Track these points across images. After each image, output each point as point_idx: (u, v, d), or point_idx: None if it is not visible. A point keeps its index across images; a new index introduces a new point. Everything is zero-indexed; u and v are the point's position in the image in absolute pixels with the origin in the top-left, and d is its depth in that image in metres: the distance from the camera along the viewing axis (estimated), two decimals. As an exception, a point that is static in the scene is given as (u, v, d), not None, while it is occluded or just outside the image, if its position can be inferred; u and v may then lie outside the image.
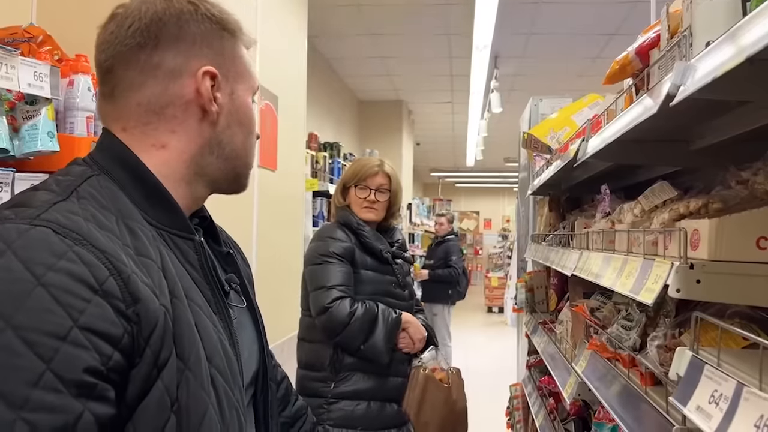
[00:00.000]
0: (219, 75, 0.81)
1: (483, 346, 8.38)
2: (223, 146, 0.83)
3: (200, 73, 0.79)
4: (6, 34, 1.51)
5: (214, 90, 0.80)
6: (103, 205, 0.70)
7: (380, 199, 2.19)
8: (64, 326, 0.58)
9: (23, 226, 0.62)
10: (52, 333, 0.58)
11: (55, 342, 0.57)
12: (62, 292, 0.59)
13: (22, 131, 1.25)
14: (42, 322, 0.58)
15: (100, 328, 0.60)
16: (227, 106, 0.82)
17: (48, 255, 0.60)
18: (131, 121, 0.78)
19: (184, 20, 0.79)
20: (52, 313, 0.58)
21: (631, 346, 1.29)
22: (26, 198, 0.68)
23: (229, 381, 0.76)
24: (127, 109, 0.78)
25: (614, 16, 5.08)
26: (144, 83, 0.77)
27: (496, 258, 15.05)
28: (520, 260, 3.92)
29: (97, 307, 0.61)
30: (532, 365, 3.08)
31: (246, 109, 0.85)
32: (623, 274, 1.17)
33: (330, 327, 1.99)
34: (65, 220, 0.64)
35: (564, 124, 2.66)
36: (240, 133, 0.84)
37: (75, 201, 0.68)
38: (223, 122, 0.82)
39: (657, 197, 1.28)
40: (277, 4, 2.96)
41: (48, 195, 0.68)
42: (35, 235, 0.61)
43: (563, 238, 2.17)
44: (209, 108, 0.80)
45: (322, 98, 6.24)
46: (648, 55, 1.18)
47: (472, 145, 10.32)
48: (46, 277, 0.59)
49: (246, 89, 0.85)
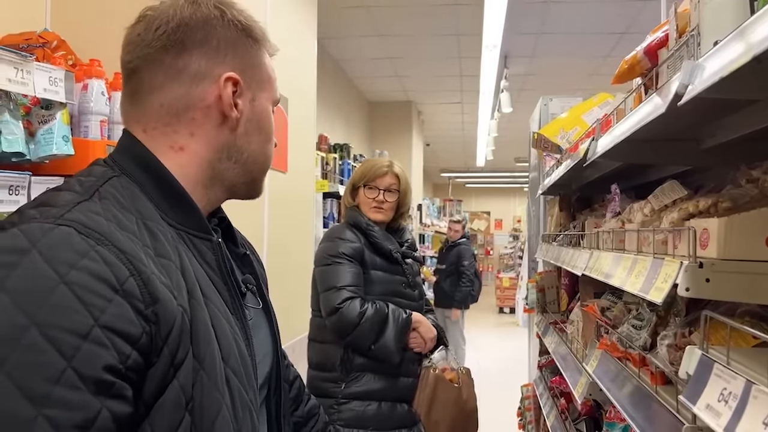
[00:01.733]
0: (241, 82, 0.82)
1: (495, 346, 8.37)
2: (242, 152, 0.83)
3: (223, 78, 0.80)
4: (21, 40, 1.54)
5: (235, 96, 0.81)
6: (124, 206, 0.72)
7: (389, 200, 2.19)
8: (86, 324, 0.59)
9: (47, 225, 0.63)
10: (75, 331, 0.59)
11: (77, 340, 0.58)
12: (84, 291, 0.60)
13: (38, 135, 1.27)
14: (65, 319, 0.58)
15: (120, 327, 0.61)
16: (247, 113, 0.83)
17: (71, 254, 0.61)
18: (152, 122, 0.80)
19: (210, 26, 0.80)
20: (75, 311, 0.59)
21: (642, 346, 1.29)
22: (50, 198, 0.70)
23: (244, 381, 0.77)
24: (149, 110, 0.80)
25: (625, 14, 5.06)
26: (167, 86, 0.79)
27: (507, 258, 15.02)
28: (530, 260, 3.91)
29: (118, 307, 0.62)
30: (544, 365, 3.08)
31: (266, 117, 0.86)
32: (633, 273, 1.18)
33: (340, 327, 2.00)
34: (88, 220, 0.65)
35: (574, 124, 2.65)
36: (258, 141, 0.85)
37: (97, 201, 0.70)
38: (242, 128, 0.83)
39: (667, 196, 1.28)
40: (286, 6, 2.98)
41: (71, 195, 0.70)
42: (59, 234, 0.62)
43: (574, 238, 2.17)
44: (229, 114, 0.81)
45: (331, 100, 6.26)
46: (657, 55, 1.18)
47: (482, 145, 10.30)
48: (69, 276, 0.60)
49: (267, 97, 0.86)
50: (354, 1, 4.93)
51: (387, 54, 6.35)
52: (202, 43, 0.80)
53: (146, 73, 0.79)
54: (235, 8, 0.84)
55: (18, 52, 1.16)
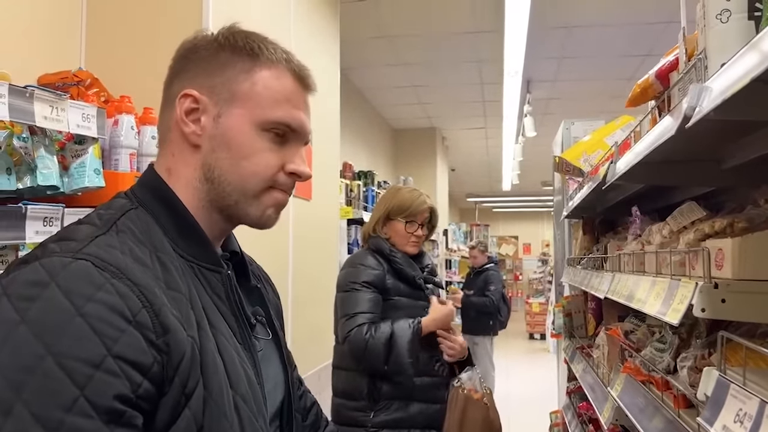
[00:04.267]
0: (206, 98, 0.81)
1: (525, 373, 8.22)
2: (212, 170, 0.82)
3: (179, 96, 0.82)
4: (57, 79, 1.63)
5: (199, 113, 0.82)
6: (139, 239, 0.75)
7: (424, 233, 2.23)
8: (99, 354, 0.62)
9: (66, 259, 0.66)
10: (88, 360, 0.61)
11: (90, 369, 0.61)
12: (99, 322, 0.63)
13: (71, 169, 1.34)
14: (79, 349, 0.61)
15: (132, 357, 0.64)
16: (210, 129, 0.82)
17: (87, 287, 0.64)
18: (158, 150, 0.87)
19: (193, 51, 0.84)
20: (89, 341, 0.62)
21: (665, 369, 1.27)
22: (71, 232, 0.73)
23: (253, 409, 0.78)
24: (159, 141, 0.88)
25: (647, 36, 5.06)
26: (161, 115, 0.86)
27: (536, 283, 14.81)
28: (557, 285, 3.87)
29: (130, 337, 0.64)
30: (572, 391, 3.02)
31: (236, 134, 0.81)
32: (652, 295, 1.17)
33: (353, 355, 2.01)
34: (104, 254, 0.68)
35: (597, 147, 2.65)
36: (227, 158, 0.82)
37: (114, 234, 0.73)
38: (206, 145, 0.82)
39: (685, 218, 1.28)
40: (309, 38, 3.07)
41: (90, 229, 0.73)
42: (77, 267, 0.65)
43: (597, 261, 2.16)
44: (183, 129, 0.82)
45: (356, 128, 6.35)
46: (668, 78, 1.19)
47: (507, 170, 10.28)
48: (85, 308, 0.63)
49: (242, 114, 0.82)
50: (376, 32, 5.03)
51: (410, 82, 6.44)
52: (182, 69, 0.84)
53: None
54: (233, 29, 0.85)
55: (53, 92, 1.23)
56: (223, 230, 0.89)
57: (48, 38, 1.89)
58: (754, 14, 0.88)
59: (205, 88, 0.82)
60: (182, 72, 0.84)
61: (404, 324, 2.02)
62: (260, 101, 0.82)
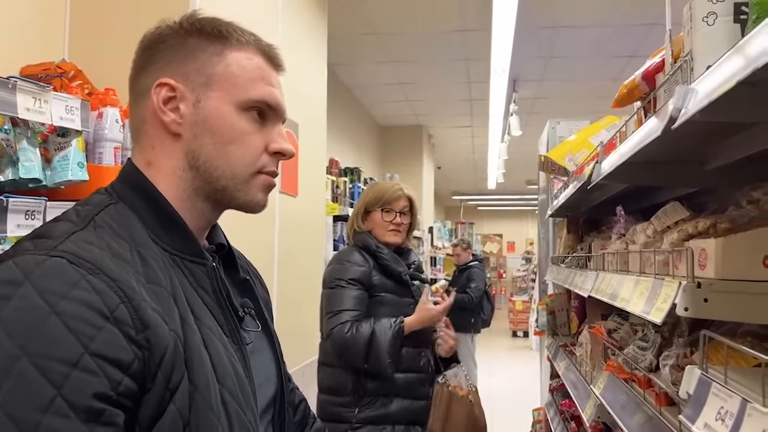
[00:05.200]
0: (182, 86, 0.81)
1: (508, 370, 8.27)
2: (197, 157, 0.81)
3: (154, 86, 0.81)
4: (39, 70, 1.60)
5: (177, 101, 0.81)
6: (118, 234, 0.73)
7: (404, 222, 2.23)
8: (75, 353, 0.60)
9: (40, 257, 0.65)
10: (64, 359, 0.60)
11: (66, 368, 0.59)
12: (74, 320, 0.61)
13: (54, 162, 1.31)
14: (54, 349, 0.60)
15: (111, 354, 0.62)
16: (191, 115, 0.81)
17: (62, 284, 0.63)
18: (133, 144, 0.85)
19: (161, 41, 0.82)
20: (65, 340, 0.60)
21: (647, 367, 1.29)
22: (46, 229, 0.72)
23: (241, 403, 0.77)
24: (131, 135, 0.86)
25: (633, 37, 5.11)
26: (132, 109, 0.85)
27: (520, 281, 14.91)
28: (541, 283, 3.90)
29: (108, 334, 0.63)
30: (555, 389, 3.05)
31: (217, 118, 0.81)
32: (636, 294, 1.18)
33: (334, 350, 2.02)
34: (80, 250, 0.67)
35: (582, 147, 2.67)
36: (212, 143, 0.81)
37: (92, 230, 0.72)
38: (189, 133, 0.81)
39: (669, 218, 1.29)
40: (297, 33, 3.05)
41: (66, 225, 0.72)
42: (51, 265, 0.64)
43: (581, 260, 2.17)
44: (163, 118, 0.81)
45: (342, 124, 6.34)
46: (654, 79, 1.20)
47: (493, 168, 10.33)
48: (59, 306, 0.61)
49: (221, 97, 0.81)
50: (364, 28, 5.03)
51: (398, 79, 6.44)
52: (150, 60, 0.83)
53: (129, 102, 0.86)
54: (195, 16, 0.83)
55: (36, 83, 1.21)
56: (209, 220, 0.88)
57: (31, 29, 1.86)
58: (739, 17, 0.90)
59: (179, 75, 0.81)
60: (151, 63, 0.82)
61: (386, 323, 2.02)
62: (237, 82, 0.82)
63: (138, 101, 0.83)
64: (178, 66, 0.81)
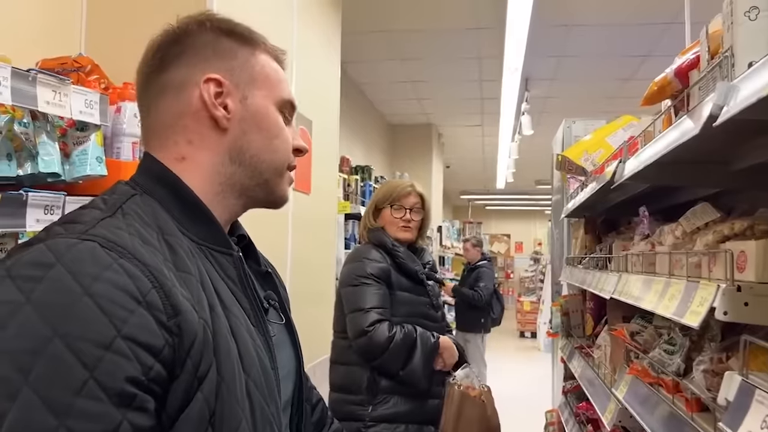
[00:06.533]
0: (228, 81, 0.82)
1: (516, 371, 8.24)
2: (243, 152, 0.83)
3: (203, 80, 0.80)
4: (56, 64, 1.58)
5: (223, 97, 0.81)
6: (145, 222, 0.73)
7: (415, 218, 2.22)
8: (108, 335, 0.59)
9: (72, 240, 0.64)
10: (97, 341, 0.59)
11: (99, 351, 0.58)
12: (107, 302, 0.60)
13: (73, 156, 1.30)
14: (87, 330, 0.59)
15: (143, 338, 0.61)
16: (239, 111, 0.82)
17: (94, 267, 0.62)
18: (158, 140, 0.83)
19: (187, 36, 0.82)
20: (98, 322, 0.59)
21: (675, 371, 1.26)
22: (76, 215, 0.72)
23: (265, 395, 0.76)
24: (153, 130, 0.83)
25: (647, 37, 5.05)
26: (159, 103, 0.82)
27: (528, 282, 14.87)
28: (554, 284, 3.87)
29: (140, 318, 0.62)
30: (569, 391, 3.02)
31: (264, 114, 0.84)
32: (666, 297, 1.15)
33: (369, 351, 1.99)
34: (111, 235, 0.66)
35: (598, 146, 2.64)
36: (260, 138, 0.84)
37: (120, 217, 0.71)
38: (236, 128, 0.82)
39: (699, 219, 1.26)
40: (311, 32, 3.03)
41: (95, 212, 0.71)
42: (83, 248, 0.63)
43: (600, 261, 2.14)
44: (215, 113, 0.81)
45: (353, 122, 6.32)
46: (687, 76, 1.17)
47: (502, 168, 10.28)
48: (92, 288, 0.60)
49: (264, 95, 0.85)
50: (376, 26, 5.00)
51: (408, 77, 6.41)
52: (180, 54, 0.82)
53: (145, 97, 0.84)
54: (216, 16, 0.85)
55: (56, 76, 1.19)
56: (234, 215, 0.88)
57: (48, 24, 1.85)
58: (784, 12, 0.87)
59: (223, 71, 0.82)
60: (183, 56, 0.82)
61: (428, 337, 2.03)
62: (273, 82, 0.86)
63: (168, 95, 0.82)
64: (219, 62, 0.82)
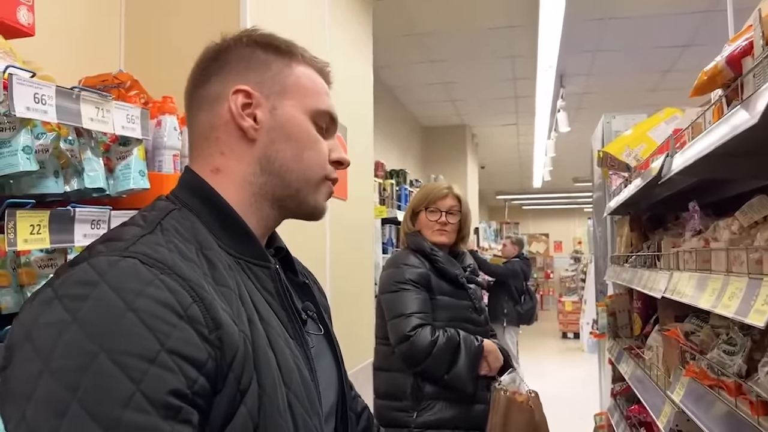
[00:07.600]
0: (257, 93, 0.83)
1: (559, 373, 8.07)
2: (272, 162, 0.83)
3: (231, 92, 0.82)
4: (98, 82, 1.61)
5: (252, 107, 0.82)
6: (184, 237, 0.74)
7: (451, 221, 2.18)
8: (152, 349, 0.60)
9: (114, 258, 0.65)
10: (142, 355, 0.60)
11: (145, 364, 0.59)
12: (150, 317, 0.61)
13: (117, 171, 1.32)
14: (132, 345, 0.60)
15: (186, 352, 0.62)
16: (268, 122, 0.83)
17: (137, 283, 0.63)
18: (196, 153, 0.85)
19: (226, 51, 0.85)
20: (142, 336, 0.60)
21: (737, 373, 1.20)
22: (116, 233, 0.73)
23: (307, 407, 0.76)
24: (193, 143, 0.86)
25: (686, 27, 4.90)
26: (198, 116, 0.85)
27: (568, 281, 14.59)
28: (599, 283, 3.77)
29: (183, 332, 0.63)
30: (618, 393, 2.93)
31: (293, 124, 0.84)
32: (725, 295, 1.10)
33: (412, 356, 1.97)
34: (151, 252, 0.67)
35: (640, 141, 2.56)
36: (289, 148, 0.84)
37: (159, 234, 0.72)
38: (265, 138, 0.83)
39: (756, 212, 1.20)
40: (344, 38, 3.04)
41: (135, 229, 0.73)
42: (124, 265, 0.65)
43: (648, 259, 2.07)
44: (242, 124, 0.82)
45: (386, 126, 6.31)
46: (740, 64, 1.12)
47: (539, 166, 10.13)
48: (135, 303, 0.61)
49: (294, 105, 0.85)
50: (407, 30, 4.99)
51: (441, 79, 6.38)
52: (220, 69, 0.84)
53: (188, 113, 0.87)
54: (257, 32, 0.86)
55: (99, 92, 1.21)
56: (270, 226, 0.88)
57: (87, 40, 1.89)
58: None
59: (253, 83, 0.83)
60: (220, 71, 0.84)
61: (472, 341, 2.01)
62: (307, 93, 0.86)
63: (204, 108, 0.84)
64: (251, 74, 0.84)
